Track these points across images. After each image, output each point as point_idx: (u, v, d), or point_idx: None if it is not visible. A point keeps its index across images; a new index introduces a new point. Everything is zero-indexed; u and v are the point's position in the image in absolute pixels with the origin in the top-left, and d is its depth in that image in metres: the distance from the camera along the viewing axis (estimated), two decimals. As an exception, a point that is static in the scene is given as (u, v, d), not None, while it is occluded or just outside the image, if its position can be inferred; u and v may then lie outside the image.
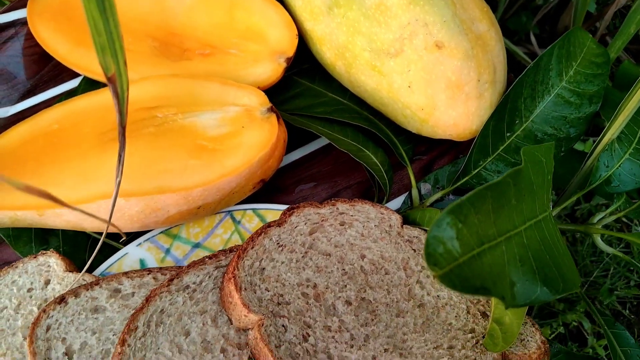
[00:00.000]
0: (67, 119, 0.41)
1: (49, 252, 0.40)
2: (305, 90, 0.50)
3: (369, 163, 0.46)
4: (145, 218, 0.39)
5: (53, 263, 0.40)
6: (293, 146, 0.50)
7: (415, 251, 0.40)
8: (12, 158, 0.40)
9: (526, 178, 0.29)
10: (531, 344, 0.36)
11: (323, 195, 0.48)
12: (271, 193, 0.48)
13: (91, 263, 0.36)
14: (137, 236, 0.42)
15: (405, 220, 0.42)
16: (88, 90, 0.48)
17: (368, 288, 0.38)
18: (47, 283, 0.39)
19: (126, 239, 0.43)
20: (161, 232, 0.43)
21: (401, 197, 0.48)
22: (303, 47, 0.49)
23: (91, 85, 0.49)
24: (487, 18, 0.44)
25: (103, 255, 0.42)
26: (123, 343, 0.33)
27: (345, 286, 0.37)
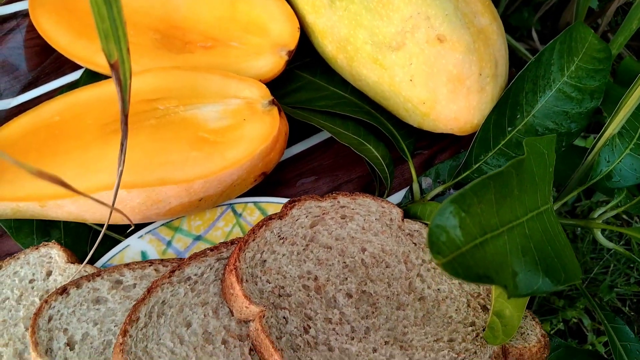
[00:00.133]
0: (69, 111, 0.41)
1: (51, 244, 0.40)
2: (306, 83, 0.50)
3: (370, 157, 0.46)
4: (146, 210, 0.39)
5: (55, 254, 0.40)
6: (294, 140, 0.50)
7: (415, 245, 0.40)
8: (14, 150, 0.40)
9: (528, 169, 0.29)
10: (531, 337, 0.36)
11: (324, 188, 0.48)
12: (272, 186, 0.48)
13: (93, 255, 0.36)
14: (139, 228, 0.42)
15: (406, 214, 0.42)
16: (90, 82, 0.48)
17: (369, 281, 0.38)
18: (49, 274, 0.39)
19: (127, 232, 0.43)
20: (163, 225, 0.43)
21: (402, 191, 0.48)
22: (305, 41, 0.49)
23: (93, 77, 0.49)
24: (489, 12, 0.44)
25: (104, 247, 0.42)
26: (125, 334, 0.33)
27: (346, 279, 0.37)
